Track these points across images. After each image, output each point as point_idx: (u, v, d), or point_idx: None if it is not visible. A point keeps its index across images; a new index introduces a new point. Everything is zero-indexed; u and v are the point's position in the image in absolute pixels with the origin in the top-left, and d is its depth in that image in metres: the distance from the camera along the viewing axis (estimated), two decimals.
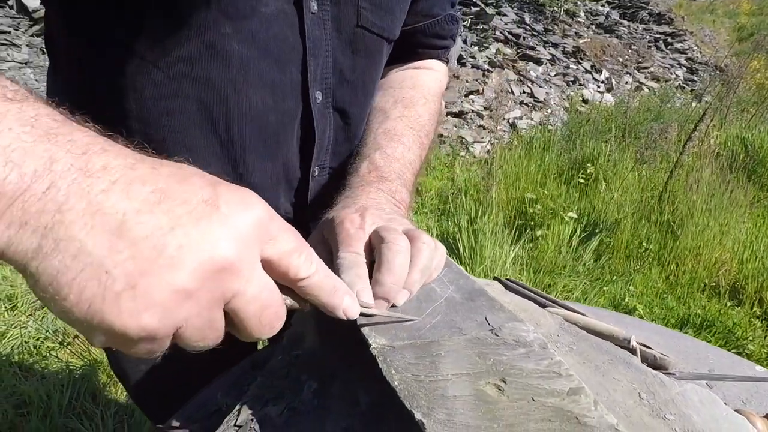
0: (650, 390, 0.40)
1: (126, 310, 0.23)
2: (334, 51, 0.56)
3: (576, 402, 0.30)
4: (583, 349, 0.45)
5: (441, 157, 3.89)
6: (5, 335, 1.81)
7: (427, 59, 0.71)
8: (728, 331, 2.20)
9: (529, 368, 0.32)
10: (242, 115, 0.52)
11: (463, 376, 0.32)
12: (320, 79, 0.56)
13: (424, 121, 0.64)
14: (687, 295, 2.48)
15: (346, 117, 0.61)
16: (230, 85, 0.50)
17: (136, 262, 0.23)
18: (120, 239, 0.23)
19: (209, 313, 0.27)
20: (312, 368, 0.44)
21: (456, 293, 0.41)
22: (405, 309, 0.39)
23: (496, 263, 2.43)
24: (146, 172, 0.25)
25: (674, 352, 0.55)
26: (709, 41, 9.26)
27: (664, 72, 7.19)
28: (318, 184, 0.62)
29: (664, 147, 3.53)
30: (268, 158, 0.56)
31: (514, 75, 5.61)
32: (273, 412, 0.40)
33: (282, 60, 0.52)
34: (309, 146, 0.59)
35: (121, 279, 0.23)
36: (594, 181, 3.34)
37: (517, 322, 0.36)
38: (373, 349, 0.34)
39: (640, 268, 2.62)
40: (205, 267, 0.25)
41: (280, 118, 0.54)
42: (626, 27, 8.01)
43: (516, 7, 7.05)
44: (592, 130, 4.19)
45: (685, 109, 5.08)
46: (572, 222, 2.73)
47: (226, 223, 0.26)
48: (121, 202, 0.24)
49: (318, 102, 0.56)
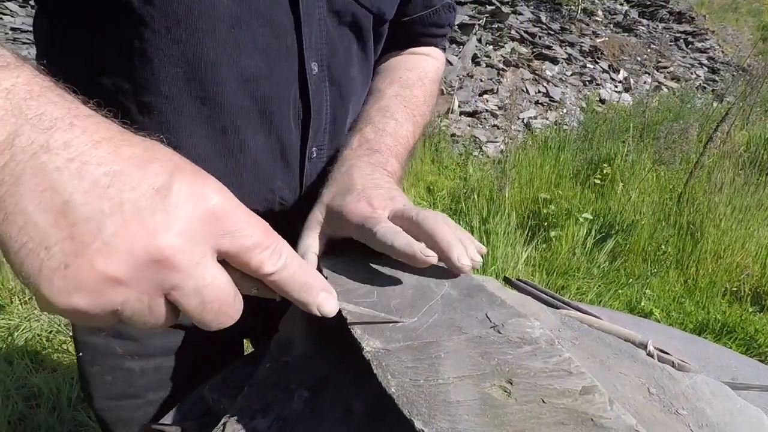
0: (659, 384, 0.38)
1: (57, 288, 0.24)
2: (326, 20, 0.54)
3: (590, 402, 0.27)
4: (586, 344, 0.42)
5: (454, 156, 3.85)
6: (18, 328, 1.83)
7: (427, 46, 0.71)
8: (750, 338, 2.13)
9: (537, 367, 0.29)
10: (233, 79, 0.49)
11: (466, 378, 0.29)
12: (315, 49, 0.54)
13: (419, 102, 0.64)
14: (706, 300, 2.41)
15: (343, 92, 0.59)
16: (219, 44, 0.47)
17: (74, 243, 0.24)
18: (63, 218, 0.24)
19: (148, 300, 0.27)
20: (302, 375, 0.41)
21: (453, 290, 0.38)
22: (398, 308, 0.36)
23: (508, 264, 2.39)
24: (106, 152, 0.25)
25: (694, 359, 0.52)
26: (731, 40, 9.05)
27: (684, 72, 7.04)
28: (315, 168, 0.60)
29: (683, 147, 3.44)
30: (262, 131, 0.53)
31: (530, 74, 5.55)
32: (262, 425, 0.37)
33: (275, 24, 0.50)
34: (306, 124, 0.57)
35: (57, 256, 0.24)
36: (610, 181, 3.27)
37: (520, 317, 0.33)
38: (366, 353, 0.32)
39: (658, 271, 2.55)
40: (138, 257, 0.25)
41: (274, 88, 0.52)
42: (645, 26, 7.86)
43: (532, 6, 6.97)
44: (608, 130, 4.11)
45: (706, 109, 4.95)
46: (587, 223, 2.67)
47: (170, 214, 0.26)
48: (71, 180, 0.24)
49: (314, 74, 0.55)
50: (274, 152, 0.56)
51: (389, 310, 0.36)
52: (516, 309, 0.34)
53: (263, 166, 0.55)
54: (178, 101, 0.49)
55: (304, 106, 0.56)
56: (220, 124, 0.51)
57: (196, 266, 0.27)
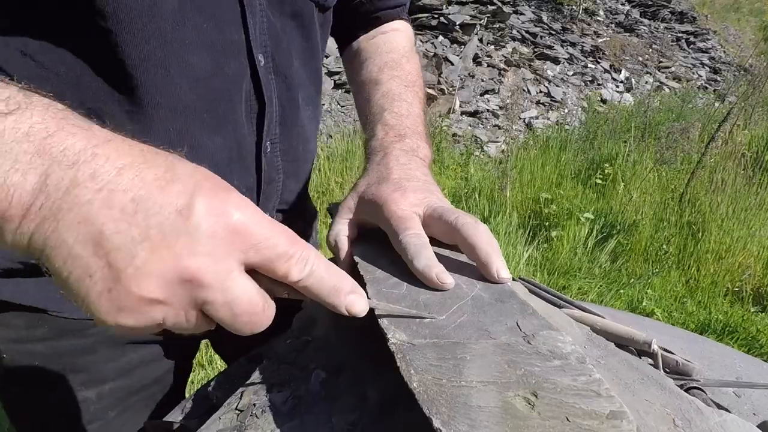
0: (686, 417, 0.36)
1: (104, 310, 0.27)
2: (267, 10, 0.53)
3: (616, 428, 0.26)
4: (612, 365, 0.41)
5: (455, 156, 3.85)
6: None
7: (390, 21, 0.71)
8: (752, 338, 2.13)
9: (565, 383, 0.28)
10: (184, 79, 0.48)
11: (490, 384, 0.29)
12: (260, 40, 0.53)
13: (414, 77, 0.65)
14: (708, 300, 2.41)
15: (289, 83, 0.58)
16: (166, 43, 0.46)
17: (112, 270, 0.27)
18: (100, 247, 0.26)
19: (185, 314, 0.29)
20: (321, 357, 0.41)
21: (484, 292, 0.37)
22: (428, 304, 0.36)
23: (510, 263, 2.39)
24: (130, 178, 0.27)
25: (698, 358, 0.52)
26: (733, 40, 9.04)
27: (686, 72, 7.03)
28: (270, 163, 0.58)
29: (685, 147, 3.44)
30: (217, 131, 0.52)
31: (531, 74, 5.54)
32: (277, 399, 0.38)
33: (218, 17, 0.49)
34: (259, 118, 0.55)
35: (100, 283, 0.27)
36: (612, 181, 3.26)
37: (552, 330, 0.32)
38: (391, 345, 0.32)
39: (659, 270, 2.55)
40: (169, 279, 0.27)
41: (225, 85, 0.51)
42: (647, 26, 7.85)
43: (534, 6, 6.97)
44: (610, 130, 4.11)
45: (708, 109, 4.95)
46: (588, 223, 2.67)
47: (193, 235, 0.28)
48: (102, 210, 0.26)
49: (261, 65, 0.53)
50: (231, 151, 0.54)
51: (417, 303, 0.36)
52: (547, 321, 0.34)
53: (220, 166, 0.53)
54: (130, 106, 0.47)
55: (256, 101, 0.55)
56: (175, 126, 0.50)
57: (223, 282, 0.28)
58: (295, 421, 0.36)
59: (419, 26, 5.10)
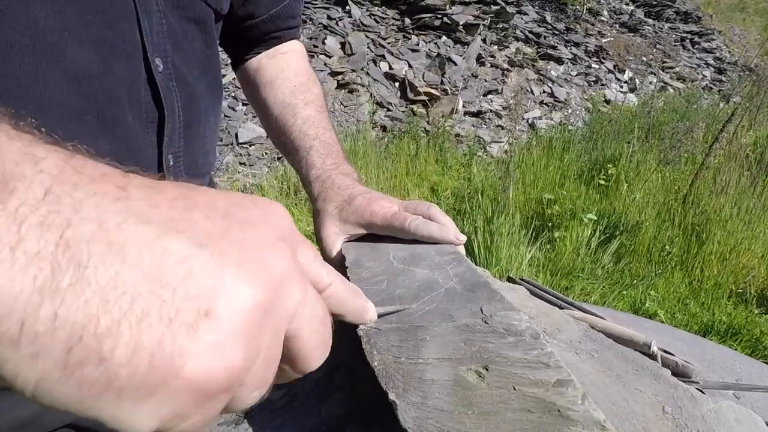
0: (677, 404, 0.37)
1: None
2: (167, 12, 0.50)
3: (561, 394, 0.28)
4: (606, 358, 0.42)
5: (458, 156, 3.85)
6: None
7: (287, 41, 0.75)
8: (755, 340, 2.12)
9: (515, 357, 0.30)
10: (60, 75, 0.42)
11: (445, 360, 0.31)
12: (157, 43, 0.50)
13: (322, 100, 0.72)
14: (711, 301, 2.40)
15: (192, 93, 0.55)
16: (38, 32, 0.40)
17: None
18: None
19: (277, 341, 0.22)
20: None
21: (458, 285, 0.39)
22: (402, 298, 0.38)
23: (512, 264, 2.38)
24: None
25: (698, 360, 0.52)
26: (738, 40, 8.99)
27: (690, 72, 7.00)
28: (175, 178, 0.54)
29: (689, 148, 3.42)
30: (103, 136, 0.47)
31: (534, 74, 5.53)
32: (274, 395, 0.40)
33: (107, 12, 0.45)
34: (161, 127, 0.52)
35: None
36: (615, 182, 3.26)
37: (510, 311, 0.34)
38: (359, 331, 0.34)
39: (662, 272, 2.54)
40: (271, 284, 0.21)
41: (112, 86, 0.46)
42: (651, 26, 7.82)
43: (537, 6, 6.95)
44: (613, 131, 4.09)
45: (712, 109, 4.92)
46: (591, 224, 2.66)
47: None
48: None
49: (160, 71, 0.50)
50: (123, 161, 0.48)
51: (392, 297, 0.38)
52: (511, 304, 0.35)
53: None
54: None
55: (156, 110, 0.51)
56: (51, 128, 0.43)
57: (305, 283, 0.24)
58: (288, 414, 0.39)
59: (422, 26, 5.10)
